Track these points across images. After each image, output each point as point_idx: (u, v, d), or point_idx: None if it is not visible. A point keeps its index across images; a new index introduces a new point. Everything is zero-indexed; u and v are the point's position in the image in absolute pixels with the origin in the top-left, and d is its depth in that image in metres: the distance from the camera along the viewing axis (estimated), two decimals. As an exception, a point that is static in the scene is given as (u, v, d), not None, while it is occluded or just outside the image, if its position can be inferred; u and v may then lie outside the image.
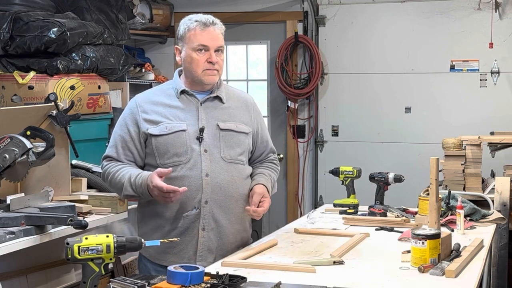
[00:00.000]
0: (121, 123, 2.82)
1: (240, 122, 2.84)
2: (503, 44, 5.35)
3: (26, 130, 3.03)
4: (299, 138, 6.03)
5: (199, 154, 2.72)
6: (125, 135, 2.78)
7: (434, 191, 2.78)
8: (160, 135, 2.72)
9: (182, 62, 2.80)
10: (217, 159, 2.74)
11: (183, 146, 2.72)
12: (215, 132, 2.76)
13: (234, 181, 2.77)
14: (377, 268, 2.49)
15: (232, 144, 2.79)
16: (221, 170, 2.74)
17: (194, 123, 2.75)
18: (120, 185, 2.73)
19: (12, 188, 3.25)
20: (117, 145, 2.80)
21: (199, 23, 2.73)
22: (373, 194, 3.43)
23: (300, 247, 2.80)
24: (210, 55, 2.72)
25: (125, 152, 2.78)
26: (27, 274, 3.59)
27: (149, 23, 5.75)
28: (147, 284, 2.17)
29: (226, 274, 2.21)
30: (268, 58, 6.10)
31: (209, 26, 2.73)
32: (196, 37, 2.72)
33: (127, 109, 2.83)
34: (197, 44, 2.71)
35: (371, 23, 5.72)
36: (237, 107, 2.87)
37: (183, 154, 2.71)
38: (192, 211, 2.72)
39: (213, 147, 2.75)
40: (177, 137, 2.72)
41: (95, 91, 4.27)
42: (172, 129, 2.72)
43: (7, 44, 4.02)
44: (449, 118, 5.53)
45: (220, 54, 2.77)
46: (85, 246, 2.00)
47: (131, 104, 2.83)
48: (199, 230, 2.73)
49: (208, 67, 2.73)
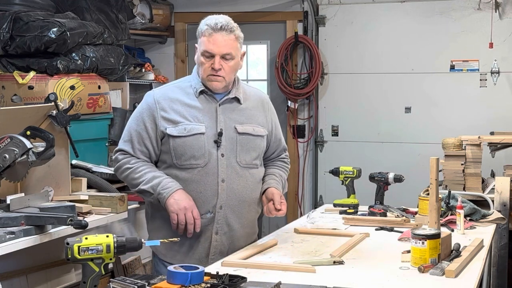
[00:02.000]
0: (138, 118, 2.78)
1: (257, 124, 2.85)
2: (503, 44, 5.35)
3: (26, 130, 3.03)
4: (299, 138, 6.03)
5: (216, 158, 2.72)
6: (142, 131, 2.75)
7: (434, 191, 2.78)
8: (178, 136, 2.71)
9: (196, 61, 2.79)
10: (233, 164, 2.75)
11: (201, 149, 2.71)
12: (232, 135, 2.76)
13: (248, 187, 2.80)
14: (377, 268, 2.48)
15: (248, 148, 2.80)
16: (236, 175, 2.76)
17: (213, 125, 2.74)
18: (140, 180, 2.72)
19: (12, 188, 3.25)
20: (133, 140, 2.76)
21: (208, 27, 2.70)
22: (373, 194, 3.43)
23: (300, 247, 2.80)
24: (214, 61, 2.69)
25: (141, 148, 2.76)
26: (27, 274, 3.59)
27: (149, 23, 5.75)
28: (147, 284, 2.17)
29: (226, 274, 2.21)
30: (268, 58, 6.10)
31: (216, 32, 2.69)
32: (203, 42, 2.71)
33: (144, 104, 2.79)
34: (203, 49, 2.71)
35: (371, 23, 5.72)
36: (253, 107, 2.88)
37: (201, 157, 2.71)
38: (207, 215, 2.74)
39: (229, 151, 2.75)
40: (195, 140, 2.71)
41: (95, 91, 4.27)
42: (191, 131, 2.71)
43: (7, 44, 4.02)
44: (449, 118, 5.53)
45: (228, 61, 2.72)
46: (85, 246, 2.00)
47: (148, 100, 2.79)
48: (212, 233, 2.76)
49: (211, 73, 2.71)
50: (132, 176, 2.75)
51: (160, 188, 2.68)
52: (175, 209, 2.64)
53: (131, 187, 2.81)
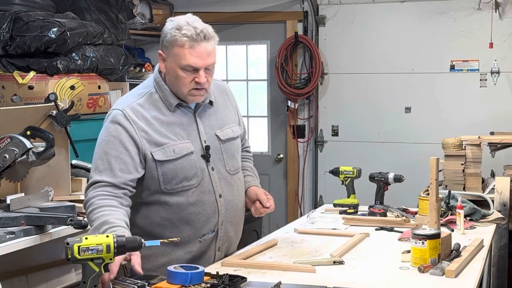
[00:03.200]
0: (112, 141, 2.41)
1: (232, 122, 2.67)
2: (503, 44, 5.35)
3: (26, 130, 3.03)
4: (299, 138, 6.03)
5: (208, 174, 2.52)
6: (124, 156, 2.40)
7: (434, 191, 2.78)
8: (167, 161, 2.45)
9: (166, 72, 2.50)
10: (223, 174, 2.58)
11: (193, 168, 2.49)
12: (216, 145, 2.57)
13: (239, 194, 2.66)
14: (377, 268, 2.49)
15: (233, 153, 2.64)
16: (228, 186, 2.59)
17: (196, 139, 2.52)
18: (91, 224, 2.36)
19: (12, 188, 3.25)
20: (113, 168, 2.39)
21: (189, 39, 2.38)
22: (373, 194, 3.43)
23: (300, 247, 2.80)
24: (199, 76, 2.42)
25: (124, 176, 2.40)
26: (27, 274, 3.59)
27: (149, 23, 5.75)
28: (147, 284, 2.16)
29: (226, 274, 2.21)
30: (268, 58, 6.10)
31: (200, 43, 2.39)
32: (184, 55, 2.39)
33: (118, 126, 2.42)
34: (185, 64, 2.40)
35: (371, 23, 5.72)
36: (222, 104, 2.66)
37: (194, 177, 2.49)
38: (209, 234, 2.56)
39: (218, 162, 2.57)
40: (186, 161, 2.47)
41: (95, 91, 4.27)
42: (181, 152, 2.47)
43: (7, 44, 4.02)
44: (449, 118, 5.53)
45: (210, 71, 2.46)
46: (85, 246, 2.00)
47: (121, 120, 2.42)
48: (215, 251, 2.61)
49: (195, 87, 2.44)
50: (90, 216, 2.38)
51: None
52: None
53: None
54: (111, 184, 2.40)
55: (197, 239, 2.55)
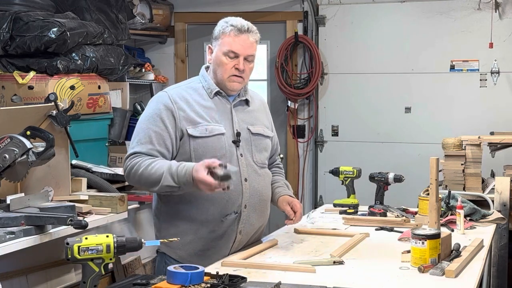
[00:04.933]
0: (154, 118, 2.67)
1: (264, 125, 2.88)
2: (503, 44, 5.35)
3: (26, 130, 3.03)
4: (299, 138, 6.03)
5: (236, 158, 2.71)
6: (162, 131, 2.65)
7: (434, 191, 2.78)
8: (200, 137, 2.67)
9: (212, 62, 2.76)
10: (250, 163, 2.76)
11: (222, 149, 2.68)
12: (247, 136, 2.77)
13: (266, 186, 2.83)
14: (377, 268, 2.49)
15: (261, 148, 2.82)
16: (256, 174, 2.77)
17: (229, 126, 2.74)
18: (157, 176, 2.56)
19: (12, 188, 3.25)
20: (153, 141, 2.64)
21: (234, 28, 2.70)
22: (373, 194, 3.43)
23: (300, 247, 2.80)
24: (239, 62, 2.71)
25: (161, 149, 2.65)
26: (27, 274, 3.59)
27: (149, 23, 5.75)
28: (147, 284, 2.17)
29: (226, 274, 2.21)
30: (268, 58, 6.10)
31: (243, 33, 2.71)
32: (228, 41, 2.70)
33: (159, 104, 2.69)
34: (227, 49, 2.70)
35: (371, 23, 5.72)
36: (258, 109, 2.91)
37: (222, 157, 2.64)
38: (232, 215, 2.71)
39: (246, 151, 2.76)
40: (216, 140, 2.68)
41: (95, 91, 4.27)
42: (213, 131, 2.68)
43: (7, 44, 4.02)
44: (449, 118, 5.53)
45: (250, 63, 2.76)
46: (85, 246, 2.00)
47: (163, 99, 2.70)
48: (237, 233, 2.73)
49: (234, 73, 2.72)
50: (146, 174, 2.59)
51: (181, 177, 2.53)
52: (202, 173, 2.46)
53: (150, 185, 2.62)
54: (150, 153, 2.64)
55: (220, 219, 2.68)
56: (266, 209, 2.85)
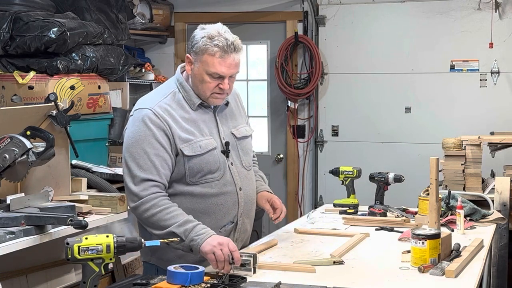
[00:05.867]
0: (148, 140, 2.53)
1: (243, 123, 2.83)
2: (503, 44, 5.35)
3: (26, 130, 3.03)
4: (299, 138, 6.03)
5: (228, 168, 2.67)
6: (162, 153, 2.53)
7: (434, 191, 2.78)
8: (195, 156, 2.58)
9: (192, 76, 2.62)
10: (240, 169, 2.72)
11: (216, 163, 2.63)
12: (233, 142, 2.72)
13: (254, 188, 2.81)
14: (377, 268, 2.49)
15: (247, 150, 2.79)
16: (246, 180, 2.74)
17: (216, 136, 2.67)
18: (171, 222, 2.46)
19: (12, 188, 3.25)
20: (156, 166, 2.52)
21: (220, 49, 2.52)
22: (373, 194, 3.43)
23: (300, 247, 2.80)
24: (223, 83, 2.58)
25: (165, 171, 2.55)
26: (27, 274, 3.59)
27: (149, 23, 5.75)
28: (147, 284, 2.17)
29: (226, 274, 2.21)
30: (268, 58, 6.10)
31: (229, 54, 2.54)
32: (213, 64, 2.54)
33: (150, 124, 2.53)
34: (213, 71, 2.55)
35: (371, 23, 5.72)
36: (234, 106, 2.82)
37: (217, 170, 2.62)
38: (228, 225, 2.68)
39: (235, 158, 2.71)
40: (211, 156, 2.61)
41: (95, 91, 4.27)
42: (206, 147, 2.60)
43: (7, 44, 4.02)
44: (449, 118, 5.53)
45: (233, 77, 2.63)
46: (85, 246, 2.00)
47: (152, 118, 2.54)
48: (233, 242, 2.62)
49: (217, 91, 2.61)
50: (160, 216, 2.48)
51: (194, 234, 2.43)
52: (210, 248, 2.38)
53: (155, 228, 2.49)
54: (159, 183, 2.53)
55: (217, 230, 2.62)
56: (254, 212, 2.84)
